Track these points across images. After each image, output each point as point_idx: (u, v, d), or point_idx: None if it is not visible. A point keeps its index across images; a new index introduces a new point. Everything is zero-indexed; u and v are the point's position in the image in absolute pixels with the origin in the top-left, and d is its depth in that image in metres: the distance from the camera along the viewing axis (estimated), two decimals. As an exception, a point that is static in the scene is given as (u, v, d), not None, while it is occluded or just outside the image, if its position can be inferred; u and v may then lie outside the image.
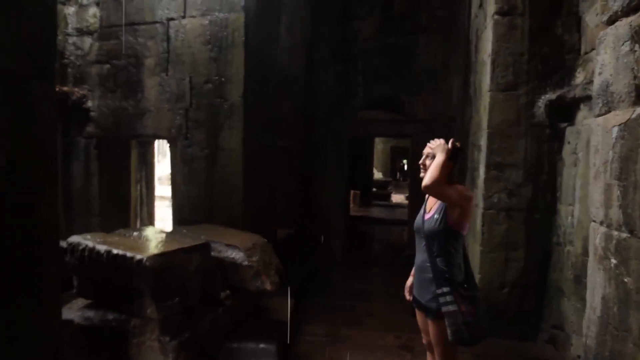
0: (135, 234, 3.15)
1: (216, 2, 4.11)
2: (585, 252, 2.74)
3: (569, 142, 3.10)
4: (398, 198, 13.94)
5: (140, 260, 2.41)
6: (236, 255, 3.14)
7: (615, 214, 1.14)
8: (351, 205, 8.87)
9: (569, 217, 3.03)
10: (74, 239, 2.85)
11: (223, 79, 4.08)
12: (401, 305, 3.30)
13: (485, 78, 3.35)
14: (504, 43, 3.18)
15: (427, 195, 2.20)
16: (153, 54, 4.39)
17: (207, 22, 4.13)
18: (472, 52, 4.07)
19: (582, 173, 2.84)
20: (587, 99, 2.77)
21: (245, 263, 3.09)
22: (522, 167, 3.29)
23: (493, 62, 3.20)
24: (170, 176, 5.17)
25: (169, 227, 4.74)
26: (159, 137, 4.72)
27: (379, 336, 3.50)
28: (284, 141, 5.21)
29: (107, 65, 4.62)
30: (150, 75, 4.43)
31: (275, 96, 4.84)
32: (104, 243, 2.75)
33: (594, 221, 1.30)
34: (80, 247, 2.73)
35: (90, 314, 2.65)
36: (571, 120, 3.06)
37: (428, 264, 2.02)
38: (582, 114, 2.93)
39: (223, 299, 3.01)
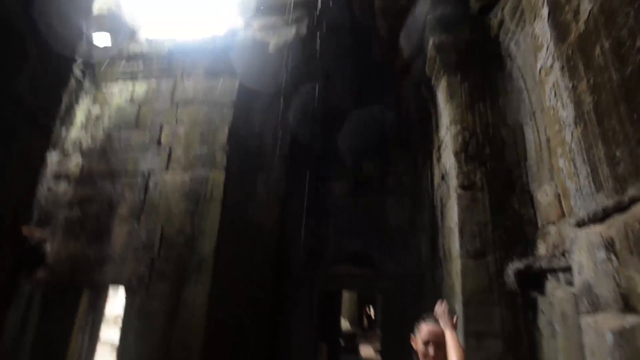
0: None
1: (199, 159, 4.36)
2: None
3: (543, 312, 3.11)
4: (366, 351, 13.04)
5: None
6: None
7: None
8: (319, 362, 8.08)
9: (559, 398, 2.83)
10: None
11: (196, 232, 4.06)
12: None
13: (454, 244, 3.50)
14: (468, 213, 3.44)
15: None
16: (128, 202, 4.41)
17: (187, 177, 4.30)
18: (438, 216, 4.35)
19: (563, 348, 2.76)
20: (553, 271, 2.89)
21: None
22: (500, 337, 3.19)
23: (460, 230, 3.40)
24: (120, 329, 4.63)
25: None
26: (118, 284, 4.37)
27: None
28: (253, 295, 4.95)
29: (78, 210, 4.54)
30: (121, 223, 4.35)
31: (248, 249, 4.79)
32: None
33: None
34: None
35: None
36: (541, 289, 3.13)
37: None
38: (551, 284, 3.01)
39: None
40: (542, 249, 3.25)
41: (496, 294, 3.26)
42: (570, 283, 2.64)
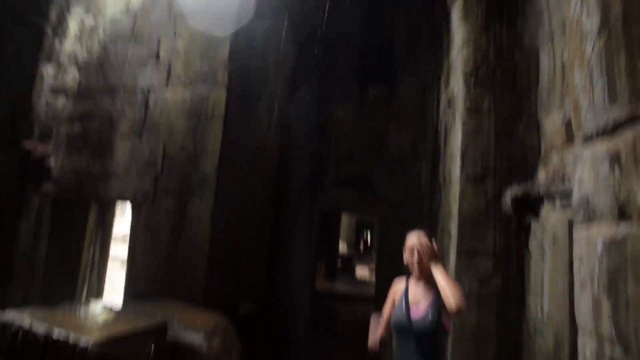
0: (81, 310, 2.84)
1: (200, 76, 4.22)
2: (557, 348, 2.72)
3: (535, 236, 3.22)
4: (361, 271, 13.92)
5: (85, 349, 2.13)
6: (195, 339, 2.87)
7: (607, 329, 1.14)
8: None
9: (539, 311, 3.04)
10: (10, 315, 2.51)
11: (198, 150, 4.06)
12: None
13: (455, 169, 3.52)
14: (472, 138, 3.41)
15: (403, 283, 2.12)
16: (129, 119, 4.36)
17: (188, 93, 4.20)
18: (441, 143, 4.33)
19: (550, 268, 2.91)
20: (550, 196, 2.95)
21: (205, 349, 2.82)
22: (491, 256, 3.35)
23: (462, 156, 3.40)
24: (128, 242, 4.86)
25: (119, 296, 4.35)
26: (123, 199, 4.50)
27: None
28: (254, 213, 5.12)
29: (78, 125, 4.51)
30: (122, 139, 4.34)
31: (249, 169, 4.84)
32: (43, 322, 2.43)
33: (583, 333, 1.29)
34: (13, 328, 2.37)
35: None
36: (536, 213, 3.21)
37: None
38: (546, 209, 3.09)
39: (175, 393, 2.68)
40: (542, 175, 3.27)
41: (491, 217, 3.36)
42: (565, 206, 2.70)
